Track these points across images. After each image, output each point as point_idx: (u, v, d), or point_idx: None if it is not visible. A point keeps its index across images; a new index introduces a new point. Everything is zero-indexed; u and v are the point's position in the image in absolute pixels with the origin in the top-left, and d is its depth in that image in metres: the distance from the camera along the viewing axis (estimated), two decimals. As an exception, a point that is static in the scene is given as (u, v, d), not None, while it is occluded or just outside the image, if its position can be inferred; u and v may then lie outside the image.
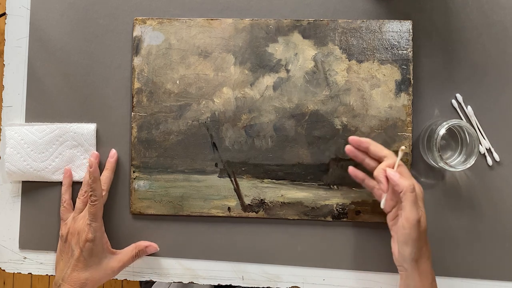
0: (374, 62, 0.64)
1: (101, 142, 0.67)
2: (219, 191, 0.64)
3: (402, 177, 0.55)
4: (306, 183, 0.64)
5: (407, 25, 0.64)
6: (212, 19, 0.65)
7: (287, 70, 0.64)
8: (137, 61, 0.65)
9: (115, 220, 0.66)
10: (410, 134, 0.63)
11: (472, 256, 0.63)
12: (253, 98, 0.65)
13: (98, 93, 0.67)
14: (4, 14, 0.80)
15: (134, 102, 0.65)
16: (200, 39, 0.65)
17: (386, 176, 0.56)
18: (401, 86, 0.63)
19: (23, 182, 0.67)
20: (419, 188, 0.57)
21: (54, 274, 0.65)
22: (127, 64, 0.67)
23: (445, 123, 0.58)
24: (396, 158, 0.57)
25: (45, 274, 0.67)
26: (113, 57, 0.67)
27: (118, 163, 0.66)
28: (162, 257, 0.66)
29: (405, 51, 0.63)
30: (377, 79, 0.64)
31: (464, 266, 0.63)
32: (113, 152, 0.66)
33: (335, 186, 0.64)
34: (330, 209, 0.64)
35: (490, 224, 0.63)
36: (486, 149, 0.64)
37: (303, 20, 0.64)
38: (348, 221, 0.64)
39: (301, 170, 0.64)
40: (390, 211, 0.58)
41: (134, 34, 0.66)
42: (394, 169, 0.56)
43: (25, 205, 0.67)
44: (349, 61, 0.64)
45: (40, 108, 0.67)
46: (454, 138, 0.62)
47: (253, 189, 0.64)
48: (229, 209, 0.64)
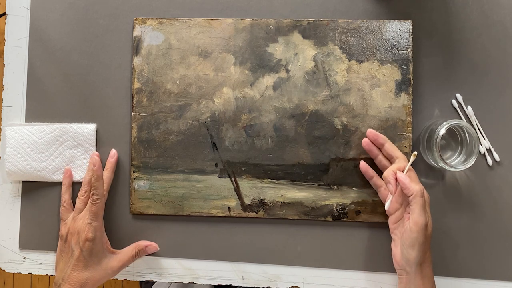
0: (374, 62, 0.64)
1: (101, 142, 0.67)
2: (219, 191, 0.64)
3: (412, 181, 0.56)
4: (306, 183, 0.64)
5: (407, 25, 0.64)
6: (212, 19, 0.65)
7: (287, 70, 0.64)
8: (137, 61, 0.65)
9: (115, 220, 0.66)
10: (410, 134, 0.63)
11: (472, 256, 0.63)
12: (253, 98, 0.64)
13: (98, 93, 0.67)
14: (4, 14, 0.80)
15: (134, 102, 0.65)
16: (200, 39, 0.65)
17: (396, 178, 0.57)
18: (401, 86, 0.63)
19: (23, 182, 0.67)
20: (427, 194, 0.57)
21: (54, 274, 0.65)
22: (127, 64, 0.67)
23: (445, 123, 0.58)
24: (407, 162, 0.58)
25: (45, 274, 0.67)
26: (113, 57, 0.67)
27: (118, 163, 0.66)
28: (162, 257, 0.66)
29: (405, 51, 0.63)
30: (377, 79, 0.64)
31: (464, 266, 0.63)
32: (113, 152, 0.66)
33: (335, 186, 0.64)
34: (330, 209, 0.64)
35: (490, 224, 0.63)
36: (486, 149, 0.64)
37: (303, 20, 0.64)
38: (348, 221, 0.64)
39: (301, 170, 0.64)
40: (393, 214, 0.59)
41: (134, 34, 0.66)
42: (404, 172, 0.57)
43: (25, 205, 0.67)
44: (349, 61, 0.64)
45: (40, 108, 0.67)
46: (454, 138, 0.62)
47: (253, 189, 0.64)
48: (229, 209, 0.64)
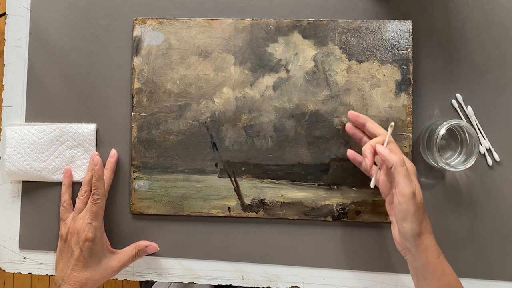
0: (374, 62, 0.64)
1: (101, 142, 0.67)
2: (219, 191, 0.64)
3: (392, 152, 0.54)
4: (306, 183, 0.64)
5: (407, 25, 0.64)
6: (212, 19, 0.65)
7: (287, 70, 0.64)
8: (137, 61, 0.65)
9: (115, 220, 0.66)
10: (410, 134, 0.63)
11: (472, 256, 0.63)
12: (253, 98, 0.65)
13: (98, 93, 0.67)
14: (4, 14, 0.80)
15: (134, 102, 0.65)
16: (200, 39, 0.65)
17: (374, 151, 0.55)
18: (401, 86, 0.63)
19: (23, 182, 0.67)
20: (410, 163, 0.56)
21: (54, 274, 0.65)
22: (127, 64, 0.67)
23: (445, 123, 0.58)
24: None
25: (45, 274, 0.67)
26: (113, 57, 0.67)
27: (118, 163, 0.66)
28: (162, 257, 0.66)
29: (405, 51, 0.63)
30: (377, 79, 0.64)
31: (464, 266, 0.63)
32: (113, 152, 0.66)
33: (335, 186, 0.64)
34: (330, 209, 0.64)
35: (490, 224, 0.63)
36: (486, 149, 0.64)
37: (303, 20, 0.64)
38: (348, 221, 0.64)
39: (301, 170, 0.64)
40: (388, 194, 0.56)
41: (134, 34, 0.66)
42: (384, 145, 0.55)
43: (25, 205, 0.67)
44: (349, 61, 0.64)
45: (40, 108, 0.67)
46: (454, 138, 0.62)
47: (253, 189, 0.64)
48: (229, 209, 0.64)
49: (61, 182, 0.66)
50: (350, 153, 0.61)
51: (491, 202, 0.64)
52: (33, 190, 0.67)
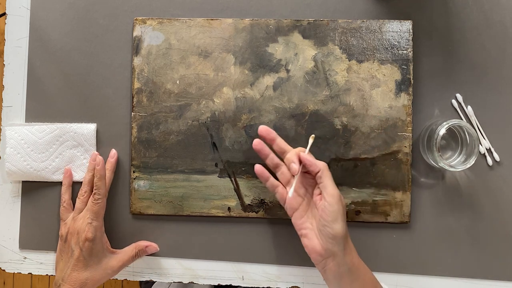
0: (374, 62, 0.64)
1: (101, 142, 0.67)
2: (219, 191, 0.64)
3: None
4: (306, 183, 0.64)
5: (407, 25, 0.64)
6: (212, 19, 0.65)
7: (287, 70, 0.64)
8: (137, 61, 0.65)
9: (115, 220, 0.66)
10: (410, 134, 0.63)
11: (472, 256, 0.63)
12: (253, 98, 0.65)
13: (98, 93, 0.67)
14: (4, 14, 0.80)
15: (134, 102, 0.65)
16: (200, 39, 0.65)
17: (299, 159, 0.56)
18: (401, 86, 0.63)
19: (23, 182, 0.67)
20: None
21: (54, 274, 0.65)
22: (127, 64, 0.67)
23: (445, 123, 0.58)
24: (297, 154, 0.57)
25: (45, 274, 0.67)
26: (113, 57, 0.67)
27: (118, 163, 0.66)
28: (162, 257, 0.66)
29: (405, 51, 0.63)
30: (377, 79, 0.64)
31: (464, 266, 0.63)
32: (113, 152, 0.66)
33: (335, 186, 0.64)
34: (330, 209, 0.64)
35: (490, 224, 0.63)
36: (486, 149, 0.64)
37: (303, 20, 0.64)
38: (348, 221, 0.63)
39: (301, 170, 0.64)
40: (297, 209, 0.57)
41: (134, 34, 0.66)
42: (306, 153, 0.57)
43: (25, 205, 0.67)
44: (349, 61, 0.64)
45: (40, 108, 0.67)
46: (454, 138, 0.62)
47: (253, 189, 0.64)
48: (229, 209, 0.64)
49: (61, 182, 0.66)
50: (259, 168, 0.60)
51: (491, 202, 0.64)
52: (33, 190, 0.67)
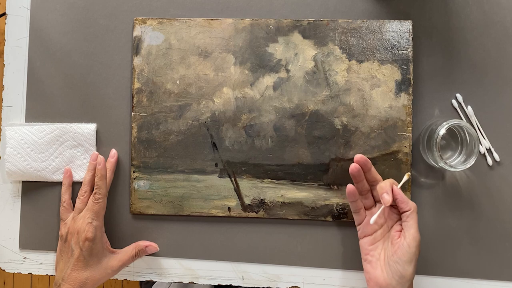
0: (374, 62, 0.64)
1: (101, 142, 0.67)
2: (219, 191, 0.64)
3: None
4: (306, 183, 0.64)
5: (407, 25, 0.64)
6: (212, 19, 0.65)
7: (287, 70, 0.64)
8: (137, 61, 0.65)
9: (115, 220, 0.66)
10: (410, 134, 0.63)
11: (472, 256, 0.63)
12: (253, 98, 0.65)
13: (98, 93, 0.67)
14: (4, 14, 0.80)
15: (134, 102, 0.65)
16: (200, 39, 0.65)
17: (392, 191, 0.56)
18: (401, 86, 0.63)
19: (23, 182, 0.67)
20: None
21: (54, 274, 0.65)
22: (127, 64, 0.67)
23: (445, 123, 0.58)
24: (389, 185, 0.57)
25: (45, 274, 0.67)
26: (113, 57, 0.67)
27: (118, 163, 0.66)
28: (162, 257, 0.66)
29: (405, 51, 0.63)
30: (377, 79, 0.64)
31: (464, 266, 0.63)
32: (113, 152, 0.66)
33: (335, 186, 0.64)
34: (330, 209, 0.64)
35: (490, 224, 0.63)
36: (486, 149, 0.64)
37: (303, 20, 0.64)
38: (348, 221, 0.64)
39: (301, 170, 0.64)
40: (370, 235, 0.58)
41: (134, 34, 0.66)
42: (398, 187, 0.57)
43: (25, 205, 0.67)
44: (349, 61, 0.64)
45: (40, 108, 0.67)
46: (454, 138, 0.62)
47: (253, 189, 0.64)
48: (229, 209, 0.64)
49: (61, 182, 0.66)
50: (352, 189, 0.59)
51: (491, 202, 0.64)
52: (33, 190, 0.67)
